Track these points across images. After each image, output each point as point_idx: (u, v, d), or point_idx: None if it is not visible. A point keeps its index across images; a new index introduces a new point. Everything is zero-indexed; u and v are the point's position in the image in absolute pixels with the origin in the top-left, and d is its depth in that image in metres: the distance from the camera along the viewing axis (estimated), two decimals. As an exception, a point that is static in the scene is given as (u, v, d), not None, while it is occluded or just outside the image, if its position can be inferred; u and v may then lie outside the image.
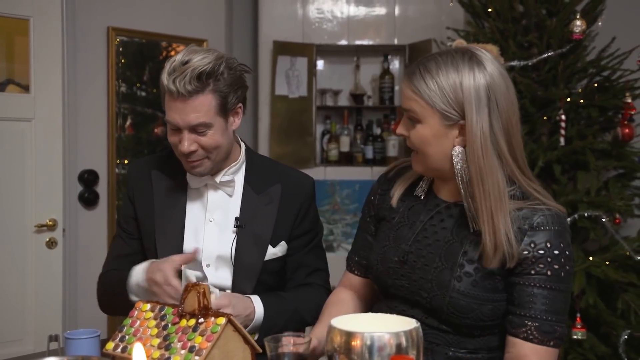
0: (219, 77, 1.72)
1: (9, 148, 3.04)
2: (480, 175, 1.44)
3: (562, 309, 1.45)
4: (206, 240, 1.85)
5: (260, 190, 1.87)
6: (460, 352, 1.51)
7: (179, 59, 1.70)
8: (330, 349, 1.14)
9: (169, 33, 3.76)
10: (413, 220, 1.59)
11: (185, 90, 1.67)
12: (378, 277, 1.62)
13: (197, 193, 1.89)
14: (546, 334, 1.43)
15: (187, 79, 1.67)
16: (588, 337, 2.85)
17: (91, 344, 1.47)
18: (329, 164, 4.11)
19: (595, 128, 3.04)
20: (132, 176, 1.96)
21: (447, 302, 1.47)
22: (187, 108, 1.70)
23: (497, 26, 3.19)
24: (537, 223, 1.45)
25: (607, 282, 2.92)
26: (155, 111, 3.80)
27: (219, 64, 1.72)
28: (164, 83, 1.70)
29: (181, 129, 1.73)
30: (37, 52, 3.10)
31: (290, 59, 4.00)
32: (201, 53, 1.72)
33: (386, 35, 4.10)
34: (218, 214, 1.86)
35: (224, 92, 1.74)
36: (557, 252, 1.44)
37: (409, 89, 1.48)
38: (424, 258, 1.53)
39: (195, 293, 1.34)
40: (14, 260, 3.05)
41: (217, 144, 1.76)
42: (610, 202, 2.94)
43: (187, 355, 1.26)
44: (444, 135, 1.47)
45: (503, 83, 1.46)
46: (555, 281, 1.44)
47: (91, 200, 3.48)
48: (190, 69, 1.67)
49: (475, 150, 1.43)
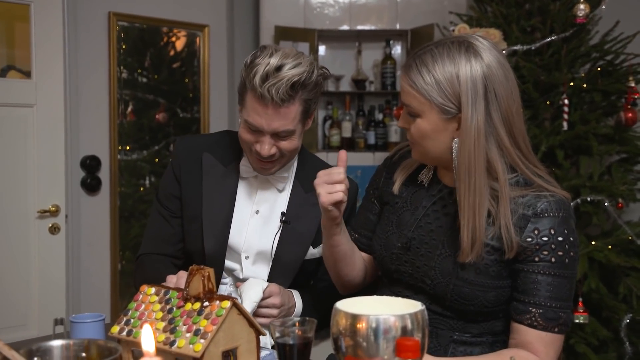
0: (309, 85, 1.70)
1: (11, 134, 3.03)
2: (468, 170, 1.42)
3: (567, 295, 1.45)
4: (249, 233, 1.83)
5: (310, 189, 1.81)
6: (464, 336, 1.51)
7: (273, 64, 1.65)
8: (335, 332, 1.15)
9: (170, 18, 3.75)
10: (415, 206, 1.59)
11: (279, 98, 1.64)
12: (381, 262, 1.62)
13: (247, 183, 1.86)
14: (550, 320, 1.42)
15: (283, 88, 1.64)
16: (590, 321, 2.86)
17: (96, 328, 1.48)
18: (331, 150, 4.11)
19: (598, 112, 3.03)
20: (181, 155, 1.89)
21: (450, 289, 1.47)
22: (276, 115, 1.68)
23: (500, 10, 3.18)
24: (541, 209, 1.43)
25: (609, 267, 2.92)
26: (156, 97, 3.80)
27: (311, 71, 1.70)
28: (257, 88, 1.65)
29: (264, 132, 1.70)
30: (38, 37, 3.08)
31: (292, 44, 3.98)
32: (293, 58, 1.68)
33: (388, 20, 4.09)
34: (265, 207, 1.84)
35: (309, 100, 1.73)
36: (561, 239, 1.43)
37: (407, 83, 1.46)
38: (427, 245, 1.53)
39: (200, 276, 1.34)
40: (17, 246, 3.06)
41: (295, 147, 1.76)
42: (612, 187, 2.94)
43: (193, 339, 1.26)
44: (443, 129, 1.45)
45: (502, 72, 1.43)
46: (559, 268, 1.43)
47: (93, 186, 3.48)
48: (286, 78, 1.64)
49: (467, 144, 1.41)
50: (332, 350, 1.18)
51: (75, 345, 1.13)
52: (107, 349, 1.11)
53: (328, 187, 1.47)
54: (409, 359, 0.94)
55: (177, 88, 3.88)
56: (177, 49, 3.92)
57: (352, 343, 1.11)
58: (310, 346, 1.27)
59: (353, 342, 1.11)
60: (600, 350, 2.91)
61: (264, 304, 1.68)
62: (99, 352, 1.12)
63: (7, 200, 3.03)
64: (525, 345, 1.45)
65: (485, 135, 1.42)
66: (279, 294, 1.70)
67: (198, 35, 3.90)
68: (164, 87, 3.83)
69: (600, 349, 2.92)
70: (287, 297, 1.75)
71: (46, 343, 1.12)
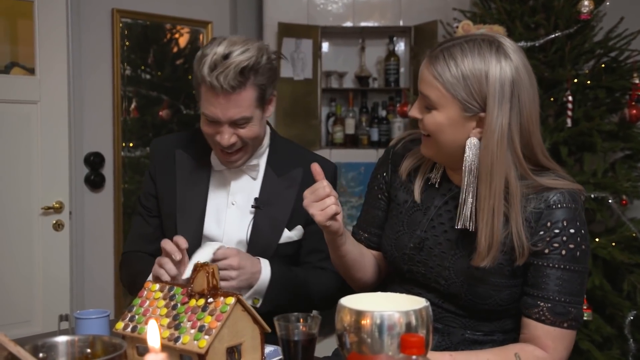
0: (260, 69, 1.70)
1: (15, 131, 3.04)
2: (490, 172, 1.39)
3: (578, 290, 1.42)
4: (227, 224, 1.84)
5: (282, 173, 1.86)
6: (476, 335, 1.50)
7: (220, 53, 1.66)
8: (340, 328, 1.15)
9: (173, 15, 3.75)
10: (427, 205, 1.56)
11: (228, 85, 1.65)
12: (393, 262, 1.60)
13: (220, 176, 1.88)
14: (559, 315, 1.40)
15: (231, 75, 1.64)
16: (594, 318, 2.85)
17: (101, 324, 1.48)
18: (334, 147, 4.10)
19: (602, 109, 3.02)
20: (156, 154, 1.94)
21: (465, 289, 1.46)
22: (229, 103, 1.68)
23: (504, 7, 3.17)
24: (553, 201, 1.42)
25: (613, 264, 2.92)
26: (160, 94, 3.80)
27: (260, 56, 1.70)
28: (205, 78, 1.66)
29: (221, 122, 1.71)
30: (41, 34, 3.09)
31: (295, 41, 3.98)
32: (241, 45, 1.69)
33: (391, 16, 4.08)
34: (240, 197, 1.86)
35: (263, 85, 1.73)
36: (572, 231, 1.42)
37: (430, 74, 1.42)
38: (440, 245, 1.51)
39: (204, 273, 1.34)
40: (21, 242, 3.06)
41: (255, 135, 1.76)
42: (616, 184, 2.93)
43: (197, 335, 1.26)
44: (460, 125, 1.42)
45: (527, 78, 1.41)
46: (569, 261, 1.41)
47: (97, 182, 3.48)
48: (234, 64, 1.65)
49: (490, 146, 1.38)
50: (337, 346, 1.18)
51: (80, 341, 1.14)
52: (112, 344, 1.11)
53: (319, 205, 1.44)
54: (413, 355, 0.94)
55: (180, 85, 3.88)
56: (180, 46, 3.92)
57: (357, 339, 1.11)
58: (314, 342, 1.27)
59: (357, 338, 1.11)
60: (604, 347, 2.91)
61: (220, 266, 1.66)
62: (104, 348, 1.12)
63: (11, 197, 3.03)
64: (534, 340, 1.43)
65: (507, 138, 1.39)
66: (236, 255, 1.68)
67: (201, 32, 3.90)
68: (167, 84, 3.83)
69: (604, 346, 2.91)
70: (251, 262, 1.72)
71: (51, 339, 1.13)
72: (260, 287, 1.74)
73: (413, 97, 3.54)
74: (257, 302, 1.76)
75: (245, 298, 1.75)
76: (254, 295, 1.75)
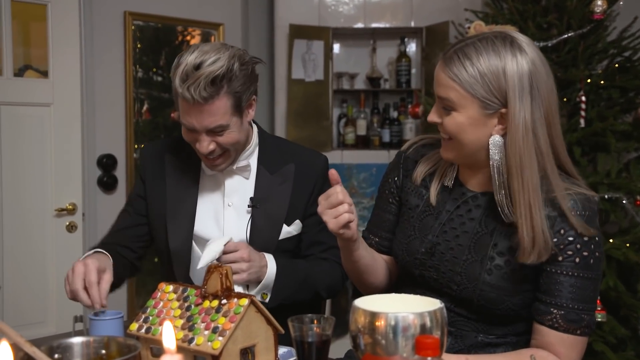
0: (233, 77, 1.68)
1: (29, 133, 3.06)
2: (520, 166, 1.38)
3: (591, 297, 1.41)
4: (226, 225, 1.86)
5: (274, 170, 1.88)
6: (489, 337, 1.50)
7: (190, 63, 1.65)
8: (354, 329, 1.14)
9: (184, 17, 3.76)
10: (439, 210, 1.55)
11: (200, 97, 1.64)
12: (404, 267, 1.60)
13: (214, 178, 1.89)
14: (572, 322, 1.40)
15: (202, 85, 1.63)
16: (608, 319, 2.83)
17: (115, 325, 1.49)
18: (346, 148, 4.10)
19: (615, 109, 3.00)
20: (145, 158, 1.97)
21: (477, 294, 1.46)
22: (204, 113, 1.68)
23: (516, 7, 3.15)
24: (567, 208, 1.40)
25: (627, 265, 2.89)
26: (171, 96, 3.80)
27: (232, 64, 1.68)
28: (177, 90, 1.67)
29: (198, 131, 1.72)
30: (54, 37, 3.11)
31: (307, 42, 3.98)
32: (213, 54, 1.67)
33: (403, 17, 4.07)
34: (236, 197, 1.87)
35: (238, 92, 1.71)
36: (586, 239, 1.41)
37: (447, 75, 1.41)
38: (452, 250, 1.50)
39: (218, 274, 1.35)
40: (35, 244, 3.08)
41: (234, 141, 1.76)
42: (630, 184, 2.91)
43: (211, 336, 1.27)
44: (482, 124, 1.41)
45: (544, 70, 1.40)
46: (583, 269, 1.40)
47: (110, 184, 3.50)
48: (204, 75, 1.63)
49: (516, 140, 1.37)
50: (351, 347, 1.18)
51: (95, 342, 1.14)
52: (127, 346, 1.11)
53: (332, 212, 1.41)
54: (428, 357, 0.94)
55: (192, 87, 3.89)
56: (192, 48, 3.93)
57: (371, 341, 1.11)
58: (328, 344, 1.27)
59: (372, 339, 1.11)
60: (618, 349, 2.89)
61: (231, 258, 1.68)
62: (119, 349, 1.12)
63: (25, 198, 3.05)
64: (547, 347, 1.42)
65: (532, 131, 1.38)
66: (246, 248, 1.71)
67: (213, 34, 3.91)
68: (179, 86, 3.84)
69: (618, 348, 2.89)
70: (258, 256, 1.75)
71: (66, 340, 1.13)
72: (267, 281, 1.76)
73: (425, 98, 3.53)
74: (265, 297, 1.77)
75: (254, 293, 1.76)
76: (262, 290, 1.77)
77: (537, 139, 1.39)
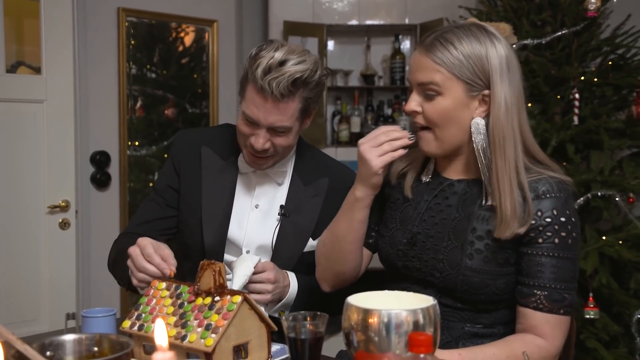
0: (311, 83, 1.70)
1: (21, 130, 3.05)
2: (503, 144, 1.43)
3: (571, 276, 1.45)
4: (249, 227, 1.83)
5: (308, 182, 1.85)
6: (476, 327, 1.51)
7: (277, 58, 1.65)
8: (347, 327, 1.14)
9: (178, 14, 3.75)
10: (417, 200, 1.59)
11: (278, 92, 1.64)
12: (387, 260, 1.61)
13: (246, 178, 1.86)
14: (556, 302, 1.43)
15: (284, 83, 1.63)
16: (601, 316, 2.84)
17: (108, 322, 1.48)
18: (340, 145, 4.10)
19: (609, 107, 3.01)
20: (180, 148, 1.91)
21: (460, 280, 1.47)
22: (274, 110, 1.67)
23: (510, 4, 3.16)
24: (542, 191, 1.45)
25: (620, 262, 2.90)
26: (165, 93, 3.80)
27: (314, 70, 1.69)
28: (257, 80, 1.65)
29: (260, 126, 1.70)
30: (47, 33, 3.09)
31: (301, 39, 3.97)
32: (298, 55, 1.68)
33: (397, 14, 4.07)
34: (264, 200, 1.85)
35: (310, 99, 1.72)
36: (563, 220, 1.44)
37: (431, 60, 1.45)
38: (432, 238, 1.53)
39: (211, 271, 1.34)
40: (27, 241, 3.07)
41: (289, 145, 1.76)
42: (623, 182, 2.92)
43: (204, 333, 1.26)
44: (465, 107, 1.46)
45: (515, 57, 1.49)
46: (563, 249, 1.44)
47: (103, 181, 3.49)
48: (288, 74, 1.64)
49: (500, 119, 1.44)
50: (344, 345, 1.18)
51: (87, 339, 1.14)
52: (119, 343, 1.11)
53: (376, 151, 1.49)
54: (421, 353, 0.94)
55: (185, 83, 3.88)
56: (185, 45, 3.92)
57: (364, 338, 1.11)
58: (322, 341, 1.27)
59: (365, 337, 1.11)
60: (611, 346, 2.90)
61: (257, 279, 1.68)
62: (111, 347, 1.12)
63: (18, 195, 3.04)
64: (532, 329, 1.45)
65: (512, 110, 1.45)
66: (273, 269, 1.70)
67: (207, 31, 3.90)
68: (173, 83, 3.83)
69: (611, 345, 2.90)
70: (282, 276, 1.75)
71: (59, 337, 1.13)
72: (289, 300, 1.76)
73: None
74: (282, 314, 1.76)
75: (273, 311, 1.75)
76: (282, 308, 1.77)
77: (514, 119, 1.46)
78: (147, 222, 1.88)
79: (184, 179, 1.87)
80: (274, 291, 1.70)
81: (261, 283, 1.68)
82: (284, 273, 1.76)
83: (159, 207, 1.89)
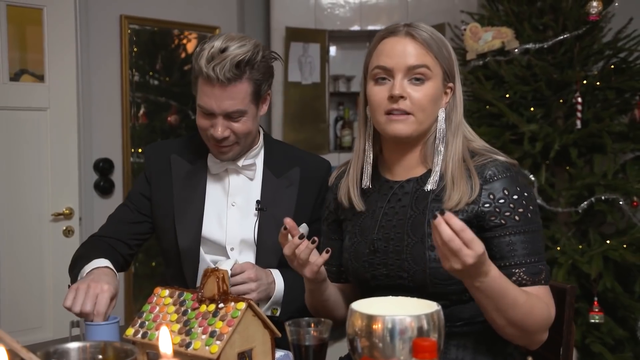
0: (255, 65, 1.75)
1: (25, 137, 3.06)
2: (456, 134, 1.52)
3: (540, 248, 1.48)
4: (229, 225, 1.86)
5: (280, 174, 1.89)
6: (456, 326, 1.49)
7: (217, 46, 1.72)
8: (351, 333, 1.14)
9: (180, 21, 3.76)
10: (372, 210, 1.60)
11: (224, 77, 1.69)
12: (356, 274, 1.60)
13: (218, 178, 1.90)
14: (535, 274, 1.45)
15: (227, 66, 1.69)
16: (605, 320, 2.84)
17: (111, 330, 1.48)
18: (343, 150, 4.10)
19: (612, 110, 3.01)
20: (151, 158, 1.97)
21: (428, 273, 1.47)
22: (224, 95, 1.72)
23: (512, 9, 3.16)
24: (489, 175, 1.48)
25: (625, 266, 2.90)
26: (168, 100, 3.81)
27: (256, 52, 1.75)
28: (203, 69, 1.71)
29: (215, 114, 1.75)
30: (50, 41, 3.10)
31: (303, 45, 3.98)
32: (238, 41, 1.74)
33: (399, 20, 4.02)
34: (240, 198, 1.88)
35: (258, 80, 1.77)
36: (516, 197, 1.47)
37: (419, 43, 1.51)
38: (392, 240, 1.53)
39: (215, 278, 1.34)
40: (31, 248, 3.07)
41: (248, 130, 1.79)
42: (627, 185, 2.92)
43: (208, 340, 1.26)
44: (440, 97, 1.53)
45: None
46: (525, 223, 1.46)
47: (106, 188, 3.50)
48: (230, 57, 1.70)
49: (458, 108, 1.54)
50: (348, 350, 1.18)
51: (92, 347, 1.14)
52: (124, 351, 1.11)
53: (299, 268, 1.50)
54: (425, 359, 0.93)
55: (188, 90, 3.86)
56: (188, 51, 3.93)
57: (368, 344, 1.11)
58: (326, 347, 1.27)
59: (369, 343, 1.11)
60: (616, 350, 2.89)
61: (239, 280, 1.69)
62: (116, 355, 1.12)
63: (22, 203, 3.05)
64: None
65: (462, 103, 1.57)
66: (252, 267, 1.72)
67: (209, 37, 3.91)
68: (176, 90, 3.84)
69: (616, 349, 2.90)
70: (265, 273, 1.76)
71: (63, 345, 1.13)
72: (277, 297, 1.77)
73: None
74: (275, 312, 1.78)
75: (264, 310, 1.76)
76: (273, 305, 1.78)
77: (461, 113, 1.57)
78: (117, 225, 1.93)
79: (155, 187, 1.92)
80: (259, 289, 1.71)
81: (244, 284, 1.69)
82: (267, 271, 1.78)
83: (130, 212, 1.94)
